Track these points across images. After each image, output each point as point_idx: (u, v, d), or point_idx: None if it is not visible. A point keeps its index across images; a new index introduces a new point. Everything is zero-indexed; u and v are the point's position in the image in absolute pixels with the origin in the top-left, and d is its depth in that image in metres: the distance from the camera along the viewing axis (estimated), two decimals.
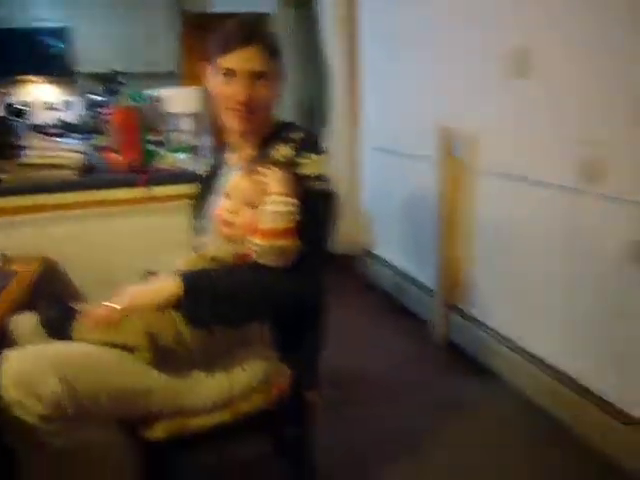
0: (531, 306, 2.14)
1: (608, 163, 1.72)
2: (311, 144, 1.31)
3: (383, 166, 3.23)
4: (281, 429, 1.44)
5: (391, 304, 3.09)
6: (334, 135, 3.37)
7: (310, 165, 1.26)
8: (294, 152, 1.29)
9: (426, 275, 2.77)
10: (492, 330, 2.36)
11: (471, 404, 2.16)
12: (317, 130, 3.69)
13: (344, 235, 3.43)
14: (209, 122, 1.44)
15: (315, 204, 1.23)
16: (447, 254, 2.57)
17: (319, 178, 1.26)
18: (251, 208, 1.19)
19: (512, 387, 2.20)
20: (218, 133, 1.41)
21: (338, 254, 3.39)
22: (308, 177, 1.25)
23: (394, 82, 3.03)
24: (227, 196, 1.23)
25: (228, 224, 1.21)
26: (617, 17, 1.66)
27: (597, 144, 1.76)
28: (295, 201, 1.17)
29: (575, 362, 1.93)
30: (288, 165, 1.25)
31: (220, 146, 1.47)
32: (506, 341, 2.26)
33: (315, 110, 4.59)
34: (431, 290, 2.71)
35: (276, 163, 1.24)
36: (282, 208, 1.15)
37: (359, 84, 3.37)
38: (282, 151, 1.30)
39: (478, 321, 2.45)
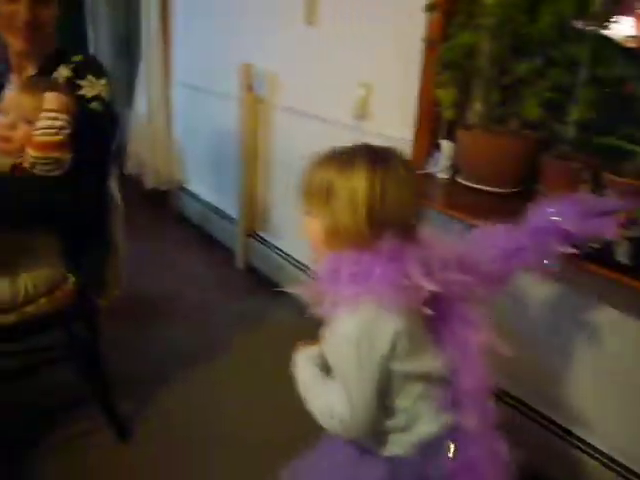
0: None
1: (371, 102, 2.04)
2: (91, 67, 1.41)
3: (193, 102, 3.33)
4: (68, 329, 1.57)
5: (200, 235, 3.28)
6: (147, 70, 3.37)
7: (89, 87, 1.37)
8: (73, 74, 1.38)
9: (230, 206, 2.98)
10: (286, 254, 2.64)
11: (263, 317, 2.44)
12: (132, 65, 3.66)
13: (157, 170, 3.51)
14: None
15: (91, 123, 1.34)
16: (248, 185, 2.79)
17: (96, 98, 1.37)
18: (27, 123, 1.27)
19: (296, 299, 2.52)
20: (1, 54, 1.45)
21: (152, 189, 3.48)
22: (86, 98, 1.36)
23: (203, 21, 3.10)
24: (3, 112, 1.29)
25: (4, 139, 1.28)
26: None
27: (368, 87, 2.06)
28: (66, 117, 1.26)
29: None
30: (67, 85, 1.35)
31: (5, 67, 1.50)
32: (298, 263, 2.56)
33: (130, 45, 4.47)
34: (234, 219, 2.93)
35: (55, 83, 1.33)
36: (54, 123, 1.25)
37: (171, 21, 3.38)
38: (62, 72, 1.39)
39: (274, 246, 2.72)
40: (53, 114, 1.24)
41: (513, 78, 1.62)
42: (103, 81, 1.40)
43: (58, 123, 1.25)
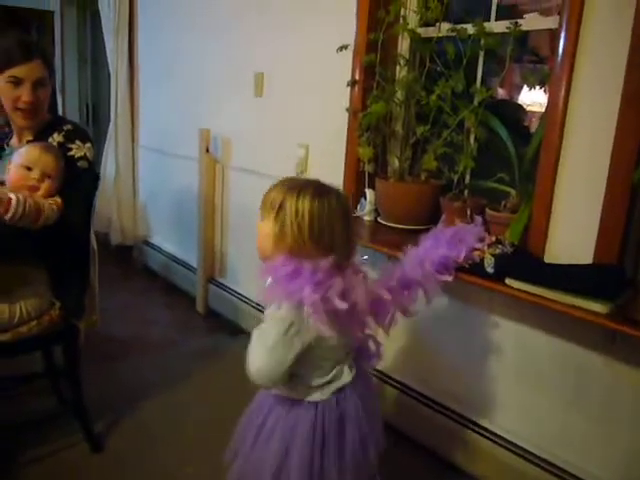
0: None
1: (310, 160, 2.44)
2: (78, 134, 1.77)
3: (156, 164, 3.70)
4: (50, 348, 1.87)
5: (163, 284, 3.57)
6: (114, 134, 3.72)
7: (76, 149, 1.73)
8: (64, 139, 1.73)
9: (191, 256, 3.30)
10: (243, 296, 2.96)
11: (221, 353, 2.73)
12: (101, 129, 4.01)
13: (123, 227, 3.82)
14: None
15: (78, 177, 1.69)
16: (207, 237, 3.12)
17: (82, 159, 1.73)
18: (47, 178, 1.62)
19: None
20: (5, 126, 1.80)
21: (118, 245, 3.78)
22: (75, 158, 1.71)
23: (165, 92, 3.52)
24: (28, 165, 1.62)
25: (34, 188, 1.60)
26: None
27: (306, 147, 2.46)
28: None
29: None
30: (60, 148, 1.70)
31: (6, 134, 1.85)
32: (250, 302, 2.88)
33: (96, 112, 4.86)
34: (195, 268, 3.24)
35: (52, 146, 1.69)
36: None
37: (137, 90, 3.78)
38: (56, 138, 1.74)
39: (232, 290, 3.04)
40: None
41: (417, 139, 2.04)
42: (88, 145, 1.76)
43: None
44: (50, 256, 1.69)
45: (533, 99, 2.17)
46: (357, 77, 2.17)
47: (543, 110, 2.11)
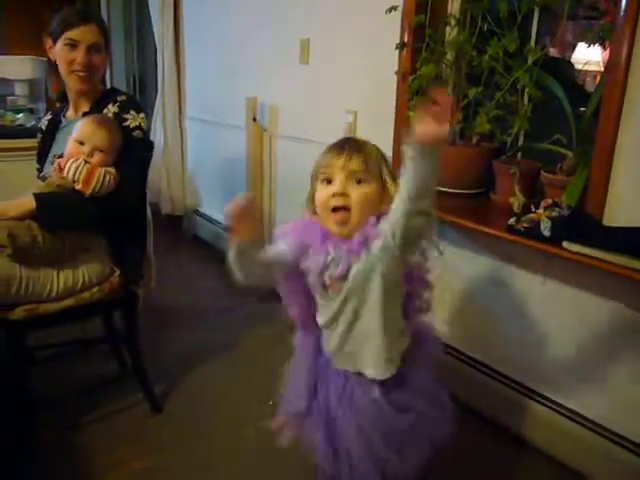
0: None
1: (358, 126, 2.42)
2: (132, 104, 1.81)
3: (203, 134, 3.74)
4: (110, 314, 1.95)
5: (214, 253, 3.62)
6: (162, 105, 3.78)
7: (131, 119, 1.76)
8: (119, 110, 1.77)
9: None
10: None
11: (275, 319, 2.74)
12: (147, 101, 4.07)
13: (172, 197, 3.90)
14: (50, 86, 1.86)
15: (134, 147, 1.73)
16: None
17: (137, 128, 1.76)
18: (100, 152, 1.67)
19: None
20: (60, 94, 1.84)
21: (167, 214, 3.86)
22: (130, 128, 1.75)
23: (212, 61, 3.53)
24: (81, 140, 1.67)
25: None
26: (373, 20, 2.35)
27: (354, 113, 2.44)
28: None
29: None
30: (116, 119, 1.74)
31: (60, 105, 1.90)
32: None
33: (143, 82, 4.93)
34: None
35: (110, 119, 1.73)
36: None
37: (183, 62, 3.81)
38: (111, 109, 1.78)
39: None
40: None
41: (469, 101, 1.99)
42: (142, 115, 1.79)
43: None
44: (109, 224, 1.74)
45: (589, 57, 2.08)
46: (406, 39, 2.12)
47: (599, 68, 2.04)
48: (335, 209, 1.13)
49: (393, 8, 2.04)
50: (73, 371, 2.17)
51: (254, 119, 3.04)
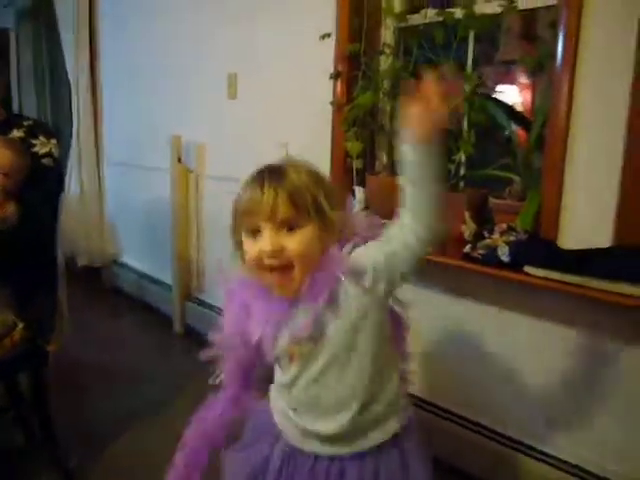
0: None
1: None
2: (42, 129, 1.60)
3: (124, 178, 3.50)
4: (14, 376, 1.65)
5: (136, 305, 3.35)
6: (78, 151, 3.52)
7: (40, 145, 1.55)
8: (25, 134, 1.56)
9: (165, 274, 3.10)
10: (221, 311, 2.76)
11: (202, 376, 2.51)
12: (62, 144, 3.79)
13: (90, 248, 3.60)
14: None
15: (42, 176, 1.51)
16: (181, 251, 2.93)
17: (48, 155, 1.55)
18: None
19: None
20: None
21: (84, 266, 3.55)
22: (39, 155, 1.53)
23: (132, 98, 3.34)
24: None
25: None
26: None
27: (286, 147, 2.31)
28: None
29: None
30: (22, 144, 1.52)
31: None
32: None
33: (58, 131, 4.64)
34: (170, 286, 3.04)
35: (12, 139, 1.51)
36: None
37: (100, 102, 3.60)
38: (15, 134, 1.56)
39: (212, 306, 2.85)
40: None
41: None
42: (54, 141, 1.58)
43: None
44: (12, 268, 1.49)
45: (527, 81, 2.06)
46: (340, 68, 2.04)
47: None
48: (272, 269, 0.93)
49: (326, 35, 1.96)
50: None
51: (179, 160, 2.86)
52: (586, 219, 1.48)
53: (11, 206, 1.42)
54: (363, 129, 2.01)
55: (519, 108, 1.95)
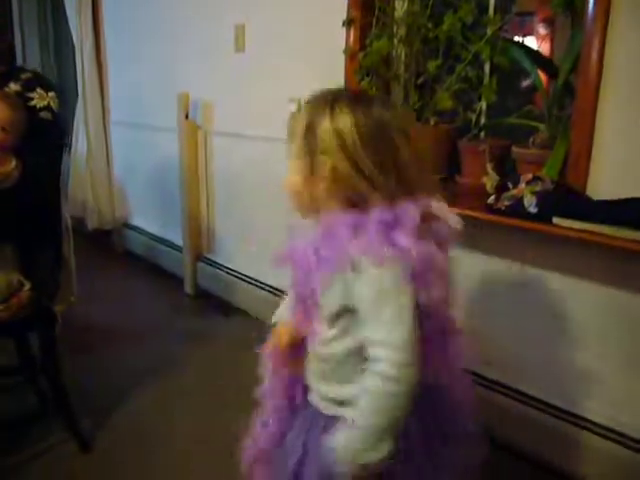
0: (263, 244, 2.51)
1: None
2: (39, 81, 1.51)
3: (132, 139, 3.42)
4: (23, 337, 1.61)
5: (148, 267, 3.30)
6: (83, 111, 3.43)
7: (38, 98, 1.47)
8: (22, 88, 1.48)
9: (176, 235, 3.04)
10: (232, 271, 2.73)
11: (214, 335, 2.48)
12: (67, 107, 3.71)
13: (99, 211, 3.54)
14: None
15: (42, 131, 1.43)
16: (191, 212, 2.87)
17: (46, 109, 1.47)
18: None
19: (250, 315, 2.60)
20: None
21: (95, 229, 3.50)
22: (37, 108, 1.45)
23: (136, 57, 3.23)
24: None
25: None
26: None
27: (298, 101, 2.21)
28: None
29: None
30: (19, 97, 1.44)
31: None
32: (244, 277, 2.64)
33: (64, 92, 4.54)
34: (181, 247, 2.99)
35: (6, 93, 1.42)
36: None
37: (105, 60, 3.48)
38: (12, 87, 1.48)
39: (222, 266, 2.80)
40: None
41: (426, 77, 1.81)
42: (52, 93, 1.50)
43: None
44: (15, 227, 1.44)
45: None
46: (353, 15, 1.93)
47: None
48: None
49: None
50: None
51: (186, 117, 2.77)
52: (617, 168, 1.39)
53: (12, 162, 1.36)
54: (377, 78, 1.91)
55: None
